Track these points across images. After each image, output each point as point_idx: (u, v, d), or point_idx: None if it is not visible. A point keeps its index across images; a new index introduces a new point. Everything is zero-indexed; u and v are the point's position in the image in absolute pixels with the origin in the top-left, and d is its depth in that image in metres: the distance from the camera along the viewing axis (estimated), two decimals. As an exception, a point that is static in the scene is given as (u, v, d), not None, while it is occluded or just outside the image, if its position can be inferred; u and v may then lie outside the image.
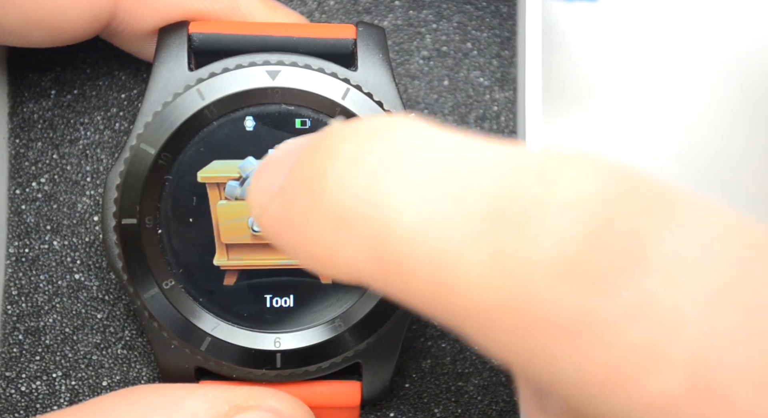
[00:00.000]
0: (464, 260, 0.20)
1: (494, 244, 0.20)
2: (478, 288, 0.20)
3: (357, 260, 0.22)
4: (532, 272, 0.20)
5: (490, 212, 0.20)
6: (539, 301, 0.19)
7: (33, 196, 0.38)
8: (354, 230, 0.22)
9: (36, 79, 0.38)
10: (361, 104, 0.33)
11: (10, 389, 0.37)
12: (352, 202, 0.22)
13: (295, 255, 0.24)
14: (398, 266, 0.21)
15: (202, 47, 0.34)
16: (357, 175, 0.22)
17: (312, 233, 0.23)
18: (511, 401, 0.38)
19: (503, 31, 0.40)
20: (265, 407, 0.32)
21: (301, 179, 0.24)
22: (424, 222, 0.21)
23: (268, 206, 0.25)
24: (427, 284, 0.21)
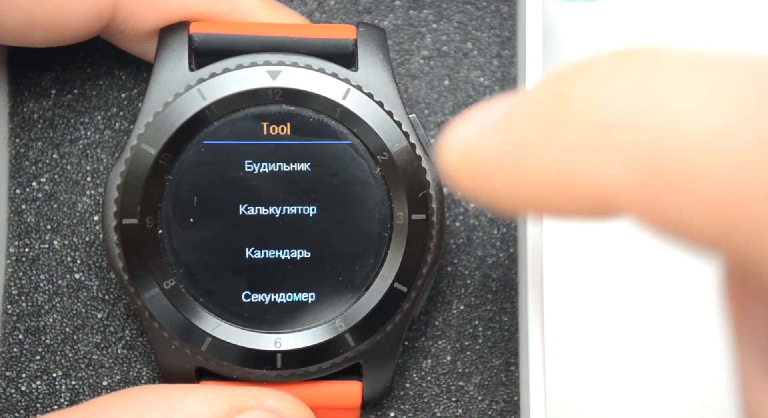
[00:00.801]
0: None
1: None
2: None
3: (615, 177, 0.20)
4: None
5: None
6: None
7: (33, 195, 0.38)
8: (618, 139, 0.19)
9: (36, 78, 0.38)
10: (362, 105, 0.33)
11: (10, 389, 0.37)
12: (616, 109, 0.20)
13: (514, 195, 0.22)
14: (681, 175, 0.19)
15: (203, 47, 0.34)
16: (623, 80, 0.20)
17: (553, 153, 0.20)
18: (512, 400, 0.38)
19: (503, 31, 0.40)
20: (265, 407, 0.32)
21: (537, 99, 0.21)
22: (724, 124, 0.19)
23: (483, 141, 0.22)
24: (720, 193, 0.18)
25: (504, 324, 0.38)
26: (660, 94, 0.19)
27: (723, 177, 0.18)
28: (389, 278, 0.33)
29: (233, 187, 0.33)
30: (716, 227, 0.19)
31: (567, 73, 0.21)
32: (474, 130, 0.23)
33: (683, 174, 0.19)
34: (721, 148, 0.18)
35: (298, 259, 0.34)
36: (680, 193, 0.19)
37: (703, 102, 0.19)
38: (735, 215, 0.18)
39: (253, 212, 0.33)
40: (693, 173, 0.19)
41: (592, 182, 0.20)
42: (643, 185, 0.19)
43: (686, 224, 0.19)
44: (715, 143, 0.18)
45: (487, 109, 0.23)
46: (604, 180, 0.20)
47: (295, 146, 0.33)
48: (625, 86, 0.20)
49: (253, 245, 0.33)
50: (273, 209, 0.33)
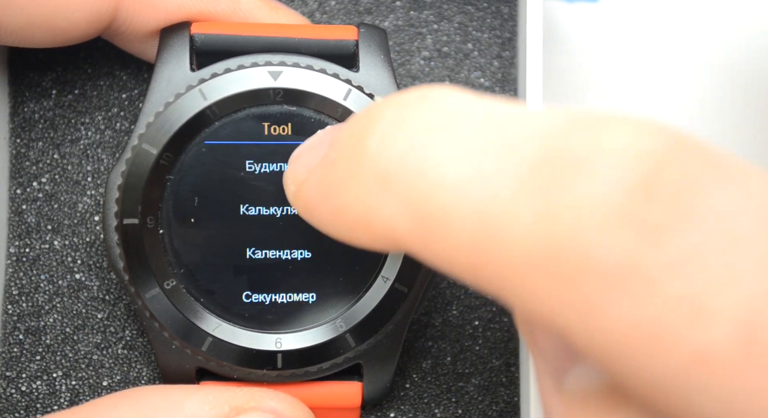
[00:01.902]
0: (512, 209, 0.20)
1: (543, 192, 0.20)
2: (525, 236, 0.20)
3: (395, 220, 0.22)
4: (581, 218, 0.20)
5: (539, 163, 0.21)
6: (587, 247, 0.19)
7: (34, 195, 0.38)
8: (395, 187, 0.22)
9: (37, 78, 0.38)
10: (363, 105, 0.33)
11: (10, 389, 0.37)
12: (393, 160, 0.23)
13: (331, 226, 0.25)
14: (440, 221, 0.21)
15: (204, 48, 0.34)
16: (400, 134, 0.23)
17: (351, 195, 0.24)
18: (512, 401, 0.38)
19: (504, 32, 0.40)
20: (265, 408, 0.32)
21: (343, 144, 0.24)
22: (470, 175, 0.21)
23: (307, 178, 0.26)
24: (469, 238, 0.21)
25: (504, 325, 0.38)
26: (423, 149, 0.22)
27: (465, 225, 0.21)
28: (390, 279, 0.33)
29: (234, 187, 0.33)
30: (467, 268, 0.22)
31: (366, 121, 0.24)
32: (303, 167, 0.26)
33: (439, 221, 0.22)
34: (462, 200, 0.21)
35: (298, 259, 0.34)
36: (438, 238, 0.22)
37: (451, 157, 0.22)
38: (478, 260, 0.21)
39: (254, 213, 0.33)
40: (445, 221, 0.21)
41: (379, 223, 0.23)
42: (413, 229, 0.22)
43: (447, 264, 0.22)
44: (458, 196, 0.21)
45: (314, 146, 0.27)
46: (387, 222, 0.23)
47: (296, 147, 0.33)
48: (400, 140, 0.23)
49: (254, 245, 0.34)
50: (274, 210, 0.33)
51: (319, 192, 0.25)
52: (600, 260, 0.19)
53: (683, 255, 0.19)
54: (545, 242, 0.20)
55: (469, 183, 0.21)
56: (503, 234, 0.20)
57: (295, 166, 0.27)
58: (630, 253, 0.19)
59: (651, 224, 0.19)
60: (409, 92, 0.24)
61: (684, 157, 0.20)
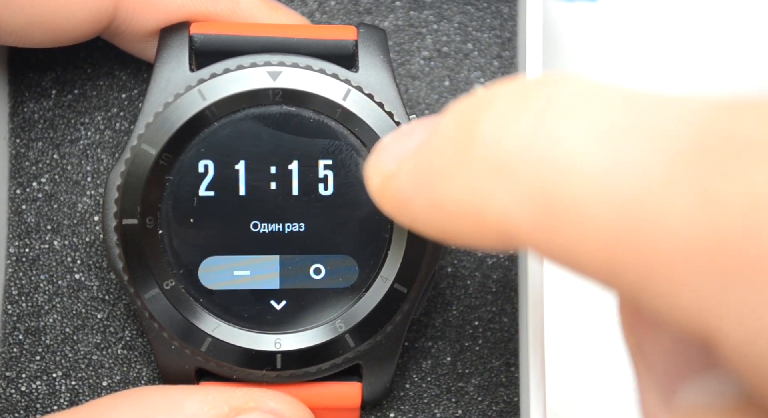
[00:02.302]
0: (666, 197, 0.18)
1: (708, 179, 0.18)
2: (684, 227, 0.18)
3: (514, 211, 0.20)
4: (756, 209, 0.17)
5: (699, 147, 0.18)
6: (762, 241, 0.17)
7: (33, 196, 0.38)
8: (516, 175, 0.20)
9: (37, 79, 0.38)
10: (362, 105, 0.33)
11: (10, 389, 0.37)
12: (515, 145, 0.20)
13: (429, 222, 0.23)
14: (571, 211, 0.19)
15: (204, 48, 0.34)
16: (522, 117, 0.21)
17: (459, 185, 0.21)
18: (512, 401, 0.38)
19: (504, 32, 0.40)
20: (265, 408, 0.32)
21: (449, 130, 0.22)
22: (612, 160, 0.19)
23: (399, 168, 0.23)
24: (608, 229, 0.19)
25: (504, 325, 0.38)
26: (552, 133, 0.20)
27: (604, 215, 0.19)
28: (389, 279, 0.33)
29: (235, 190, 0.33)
30: (600, 263, 0.19)
31: (475, 106, 0.22)
32: (393, 156, 0.24)
33: (570, 211, 0.19)
34: (601, 188, 0.19)
35: (298, 260, 0.34)
36: (567, 229, 0.20)
37: (588, 142, 0.19)
38: (616, 253, 0.19)
39: (259, 227, 0.33)
40: (578, 211, 0.19)
41: (492, 215, 0.21)
42: (536, 221, 0.20)
43: (574, 259, 0.20)
44: (596, 183, 0.19)
45: (406, 135, 0.24)
46: (502, 214, 0.21)
47: (295, 146, 0.33)
48: (523, 124, 0.21)
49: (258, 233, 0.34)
50: (277, 223, 0.34)
51: (416, 183, 0.23)
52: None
53: None
54: (709, 232, 0.17)
55: (611, 169, 0.19)
56: (654, 224, 0.18)
57: (381, 156, 0.24)
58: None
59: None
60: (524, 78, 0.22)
61: None
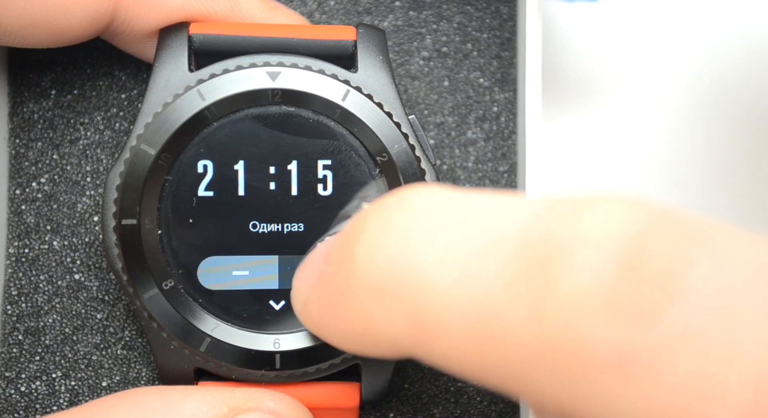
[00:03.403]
0: (505, 308, 0.20)
1: (531, 287, 0.20)
2: (521, 333, 0.20)
3: (395, 328, 0.22)
4: (572, 309, 0.19)
5: (523, 257, 0.20)
6: (582, 338, 0.19)
7: (33, 196, 0.38)
8: (389, 296, 0.22)
9: (36, 79, 0.38)
10: (362, 106, 0.33)
11: (9, 390, 0.37)
12: (383, 270, 0.23)
13: (340, 342, 0.25)
14: (438, 326, 0.21)
15: (203, 48, 0.34)
16: (385, 243, 0.23)
17: (351, 310, 0.24)
18: (511, 401, 0.38)
19: (503, 32, 0.40)
20: (264, 408, 0.32)
21: (335, 258, 0.24)
22: (459, 277, 0.21)
23: (309, 297, 0.26)
24: (468, 339, 0.21)
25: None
26: (410, 256, 0.22)
27: (462, 326, 0.21)
28: (388, 279, 0.33)
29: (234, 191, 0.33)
30: (471, 366, 0.21)
31: (353, 228, 0.24)
32: (307, 284, 0.26)
33: (436, 325, 0.21)
34: (454, 302, 0.21)
35: (297, 261, 0.34)
36: (439, 341, 0.21)
37: (438, 262, 0.22)
38: (480, 357, 0.21)
39: (258, 228, 0.33)
40: (442, 324, 0.21)
41: (381, 335, 0.23)
42: (413, 336, 0.22)
43: (453, 365, 0.22)
44: (449, 299, 0.21)
45: (314, 258, 0.27)
46: (387, 333, 0.23)
47: (295, 147, 0.33)
48: (386, 249, 0.23)
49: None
50: (276, 224, 0.34)
51: (323, 309, 0.25)
52: (598, 350, 0.19)
53: (680, 333, 0.18)
54: (542, 336, 0.20)
55: (460, 285, 0.21)
56: (501, 332, 0.20)
57: (298, 283, 0.27)
58: (626, 338, 0.19)
59: (641, 306, 0.19)
60: (391, 196, 0.24)
61: (665, 233, 0.20)
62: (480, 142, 0.39)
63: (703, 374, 0.18)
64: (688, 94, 0.44)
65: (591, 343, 0.19)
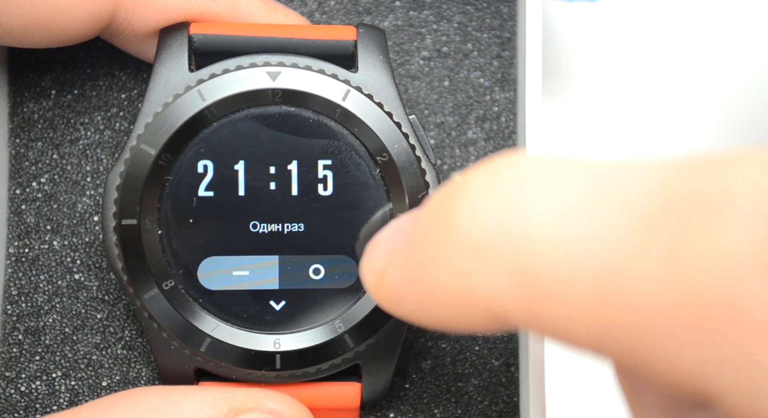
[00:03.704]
0: (640, 263, 0.19)
1: (675, 241, 0.18)
2: (660, 291, 0.18)
3: (500, 293, 0.21)
4: (726, 267, 0.18)
5: (662, 210, 0.19)
6: (738, 298, 0.17)
7: (33, 196, 0.38)
8: (496, 256, 0.21)
9: (36, 79, 0.38)
10: (362, 106, 0.33)
11: (9, 389, 0.37)
12: (490, 227, 0.21)
13: (423, 312, 0.23)
14: (552, 287, 0.20)
15: (203, 48, 0.34)
16: (493, 198, 0.21)
17: (444, 273, 0.22)
18: (511, 401, 0.38)
19: (503, 32, 0.40)
20: (264, 408, 0.32)
21: (428, 221, 0.23)
22: (580, 233, 0.20)
23: (389, 265, 0.24)
24: (589, 301, 0.19)
25: (503, 325, 0.38)
26: (522, 212, 0.21)
27: (583, 287, 0.19)
28: (388, 280, 0.33)
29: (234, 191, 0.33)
30: (587, 334, 0.20)
31: (449, 194, 0.23)
32: (383, 254, 0.24)
33: (550, 286, 0.20)
34: (575, 260, 0.19)
35: (297, 261, 0.34)
36: (550, 304, 0.20)
37: (557, 217, 0.20)
38: (601, 323, 0.19)
39: (259, 228, 0.33)
40: (558, 285, 0.20)
41: (477, 298, 0.21)
42: (519, 299, 0.20)
43: (563, 333, 0.20)
44: (570, 257, 0.19)
45: (393, 231, 0.25)
46: (487, 295, 0.21)
47: (294, 147, 0.33)
48: (494, 206, 0.21)
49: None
50: (276, 224, 0.34)
51: (405, 276, 0.23)
52: (756, 312, 0.17)
53: None
54: (687, 295, 0.18)
55: (583, 241, 0.19)
56: (633, 291, 0.19)
57: (372, 256, 0.25)
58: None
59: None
60: (494, 160, 0.22)
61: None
62: (480, 142, 0.39)
63: None
64: (688, 94, 0.44)
65: (746, 304, 0.17)
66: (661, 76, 0.44)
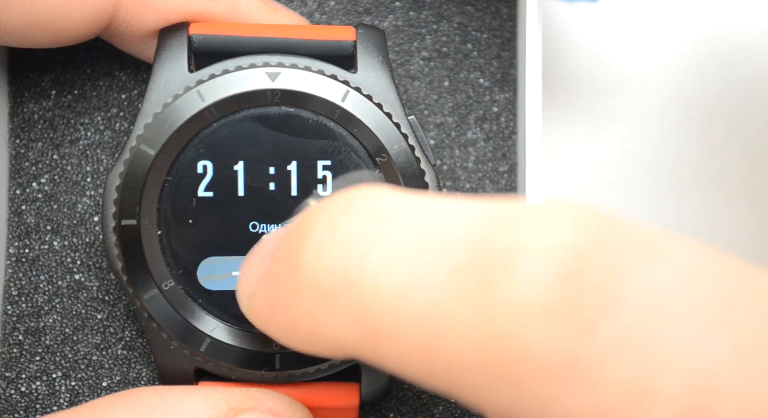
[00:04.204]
0: (448, 314, 0.21)
1: (474, 294, 0.20)
2: (464, 340, 0.20)
3: (344, 332, 0.23)
4: (516, 316, 0.20)
5: (468, 264, 0.21)
6: (523, 345, 0.20)
7: (33, 196, 0.38)
8: (338, 300, 0.22)
9: (36, 79, 0.38)
10: (361, 106, 0.33)
11: (9, 390, 0.37)
12: (332, 274, 0.23)
13: (285, 339, 0.25)
14: (385, 330, 0.22)
15: (202, 48, 0.34)
16: (334, 246, 0.23)
17: (298, 310, 0.24)
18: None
19: (503, 32, 0.40)
20: (263, 408, 0.32)
21: (282, 258, 0.24)
22: (406, 283, 0.21)
23: (256, 293, 0.26)
24: (415, 343, 0.21)
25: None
26: (360, 261, 0.22)
27: (410, 331, 0.21)
28: (388, 280, 0.33)
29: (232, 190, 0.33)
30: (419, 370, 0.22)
31: (296, 233, 0.24)
32: (253, 278, 0.26)
33: (386, 330, 0.22)
34: (402, 308, 0.21)
35: None
36: (388, 344, 0.22)
37: (387, 267, 0.22)
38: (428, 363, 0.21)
39: (257, 228, 0.33)
40: (392, 329, 0.22)
41: (328, 337, 0.23)
42: (361, 339, 0.22)
43: (400, 368, 0.22)
44: (398, 304, 0.21)
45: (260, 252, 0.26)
46: (335, 335, 0.23)
47: (294, 147, 0.33)
48: (336, 253, 0.23)
49: None
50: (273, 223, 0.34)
51: (268, 307, 0.25)
52: (540, 356, 0.19)
53: (618, 339, 0.19)
54: (487, 342, 0.20)
55: (408, 290, 0.21)
56: (447, 337, 0.21)
57: (244, 279, 0.27)
58: (567, 345, 0.19)
59: (582, 313, 0.19)
60: (341, 195, 0.24)
61: (606, 241, 0.20)
62: (480, 143, 0.39)
63: (641, 379, 0.19)
64: (688, 95, 0.44)
65: (533, 349, 0.19)
66: (661, 77, 0.44)
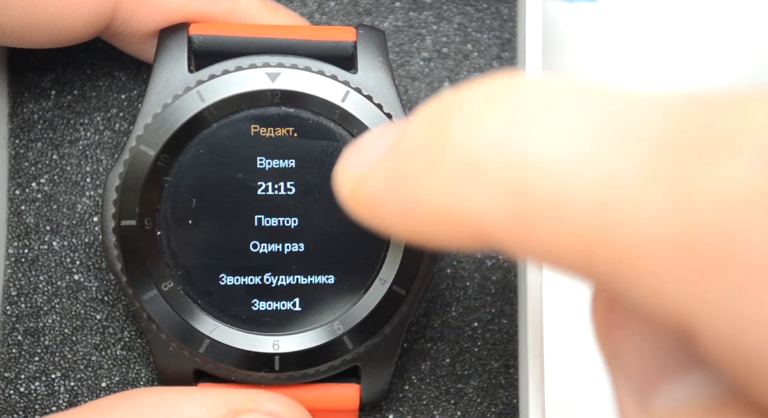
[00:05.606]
0: (639, 192, 0.18)
1: (679, 174, 0.18)
2: (657, 221, 0.18)
3: (489, 210, 0.20)
4: (730, 204, 0.17)
5: (671, 142, 0.18)
6: (736, 236, 0.17)
7: (33, 196, 0.38)
8: (490, 174, 0.20)
9: (36, 79, 0.38)
10: (361, 107, 0.33)
11: (9, 390, 0.37)
12: (487, 144, 0.20)
13: (402, 224, 0.23)
14: (547, 208, 0.19)
15: (202, 49, 0.34)
16: (492, 118, 0.21)
17: (432, 187, 0.21)
18: (511, 403, 0.38)
19: (504, 33, 0.40)
20: (263, 410, 0.32)
21: (418, 132, 0.22)
22: (585, 156, 0.19)
23: (370, 173, 0.23)
24: (583, 224, 0.19)
25: (503, 326, 0.38)
26: (523, 132, 0.20)
27: (579, 213, 0.19)
28: (388, 281, 0.33)
29: (233, 190, 0.33)
30: (576, 258, 0.20)
31: (445, 107, 0.22)
32: (363, 160, 0.24)
33: (544, 210, 0.20)
34: (574, 185, 0.19)
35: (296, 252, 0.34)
36: (543, 228, 0.20)
37: (560, 140, 0.20)
38: (592, 249, 0.19)
39: (256, 222, 0.33)
40: (552, 209, 0.19)
41: (467, 216, 0.21)
42: (511, 220, 0.20)
43: (552, 255, 0.20)
44: (569, 181, 0.19)
45: (376, 138, 0.24)
46: (477, 214, 0.21)
47: (294, 147, 0.33)
48: (493, 124, 0.21)
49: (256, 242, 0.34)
50: (275, 218, 0.34)
51: (388, 186, 0.23)
52: (752, 251, 0.17)
53: None
54: (683, 227, 0.18)
55: (584, 165, 0.19)
56: (630, 221, 0.18)
57: (350, 161, 0.24)
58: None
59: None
60: (493, 79, 0.22)
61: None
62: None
63: None
64: (688, 95, 0.44)
65: (746, 242, 0.17)
66: (661, 77, 0.44)
